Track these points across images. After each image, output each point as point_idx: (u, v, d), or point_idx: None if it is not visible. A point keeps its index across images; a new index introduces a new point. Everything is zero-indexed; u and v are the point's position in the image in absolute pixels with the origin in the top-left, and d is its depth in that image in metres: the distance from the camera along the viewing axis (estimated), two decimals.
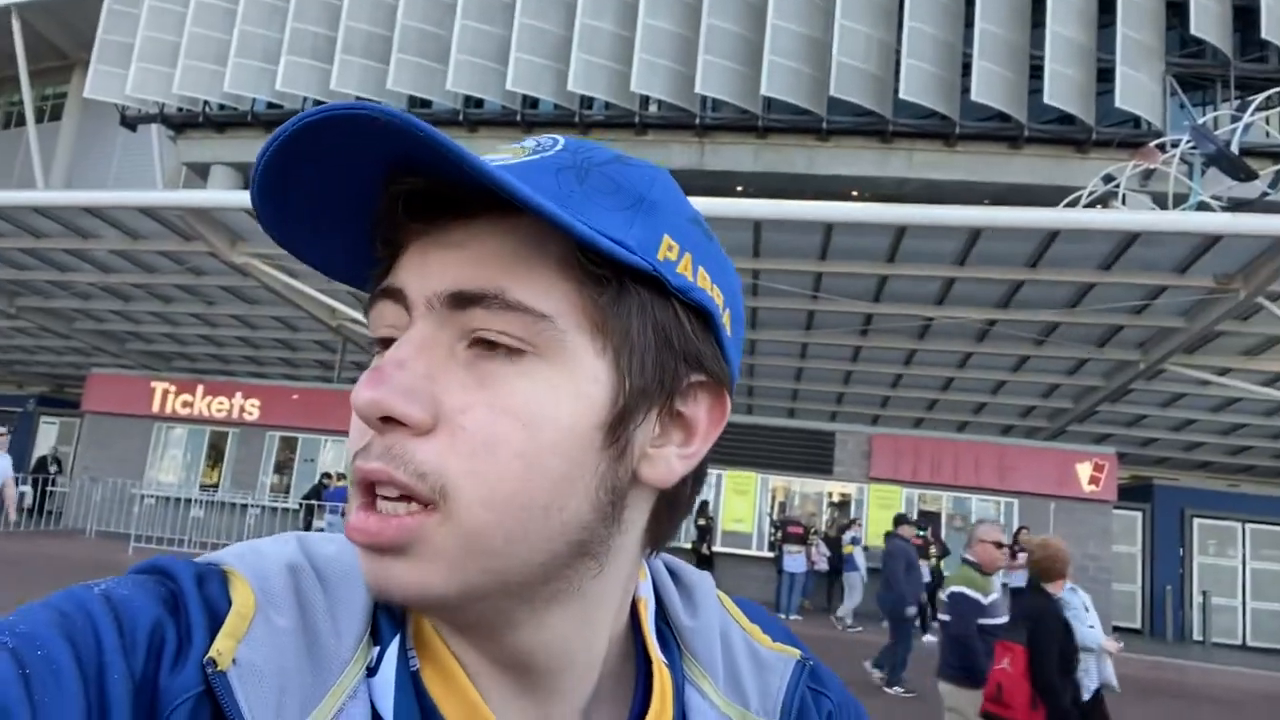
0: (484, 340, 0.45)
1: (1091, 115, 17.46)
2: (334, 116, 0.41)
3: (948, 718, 4.85)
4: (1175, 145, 14.58)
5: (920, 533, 13.22)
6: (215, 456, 16.85)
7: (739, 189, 19.81)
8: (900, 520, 9.90)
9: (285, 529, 15.91)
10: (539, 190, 0.43)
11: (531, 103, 19.83)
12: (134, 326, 15.64)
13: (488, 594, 0.46)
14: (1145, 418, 14.92)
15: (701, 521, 15.12)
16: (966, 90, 17.31)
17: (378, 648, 0.48)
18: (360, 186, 0.46)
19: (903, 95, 17.40)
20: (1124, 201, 15.05)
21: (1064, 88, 17.06)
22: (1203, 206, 12.98)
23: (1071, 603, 4.65)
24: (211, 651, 0.42)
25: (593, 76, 18.57)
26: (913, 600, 8.79)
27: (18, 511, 10.72)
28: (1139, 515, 16.57)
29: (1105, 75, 17.38)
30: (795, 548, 13.48)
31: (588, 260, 0.46)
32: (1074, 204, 14.46)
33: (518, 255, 0.45)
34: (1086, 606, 4.80)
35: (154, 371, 17.59)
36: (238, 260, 11.36)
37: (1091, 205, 14.67)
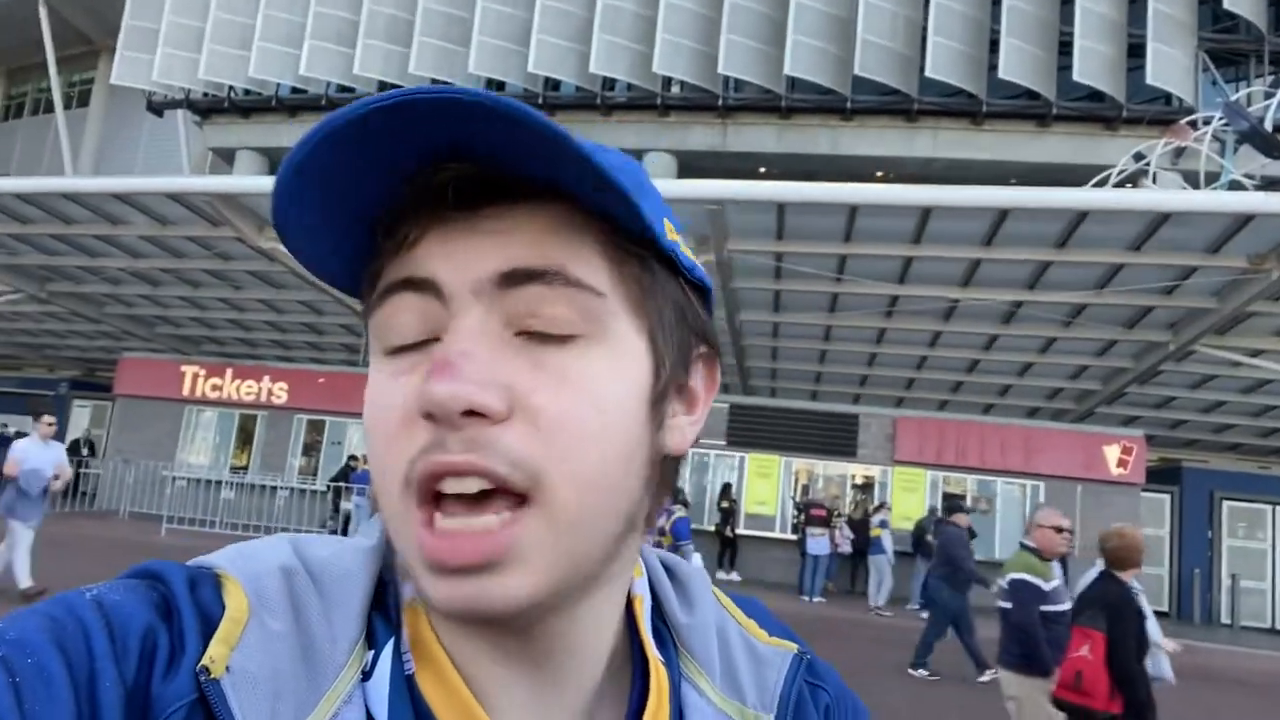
0: (529, 324, 0.45)
1: (1122, 92, 17.17)
2: (442, 100, 0.39)
3: (1009, 706, 4.77)
4: (1207, 122, 14.33)
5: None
6: (244, 439, 17.09)
7: (761, 170, 19.69)
8: (954, 508, 9.73)
9: (314, 511, 16.05)
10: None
11: (553, 85, 19.78)
12: (163, 311, 15.83)
13: (571, 586, 0.46)
14: (1175, 399, 14.74)
15: (725, 504, 15.16)
16: (994, 67, 17.06)
17: (372, 651, 0.47)
18: (389, 175, 0.44)
19: (929, 73, 17.18)
20: (1155, 180, 14.82)
21: (1094, 64, 16.77)
22: (1235, 185, 12.76)
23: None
24: (204, 659, 0.41)
25: (615, 57, 18.48)
26: (966, 587, 8.72)
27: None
28: (1167, 498, 16.42)
29: (1136, 51, 17.06)
30: (818, 530, 13.50)
31: (629, 242, 0.47)
32: (1103, 183, 14.26)
33: (566, 235, 0.46)
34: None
35: (183, 355, 17.83)
36: (264, 245, 11.46)
37: (1121, 184, 14.47)
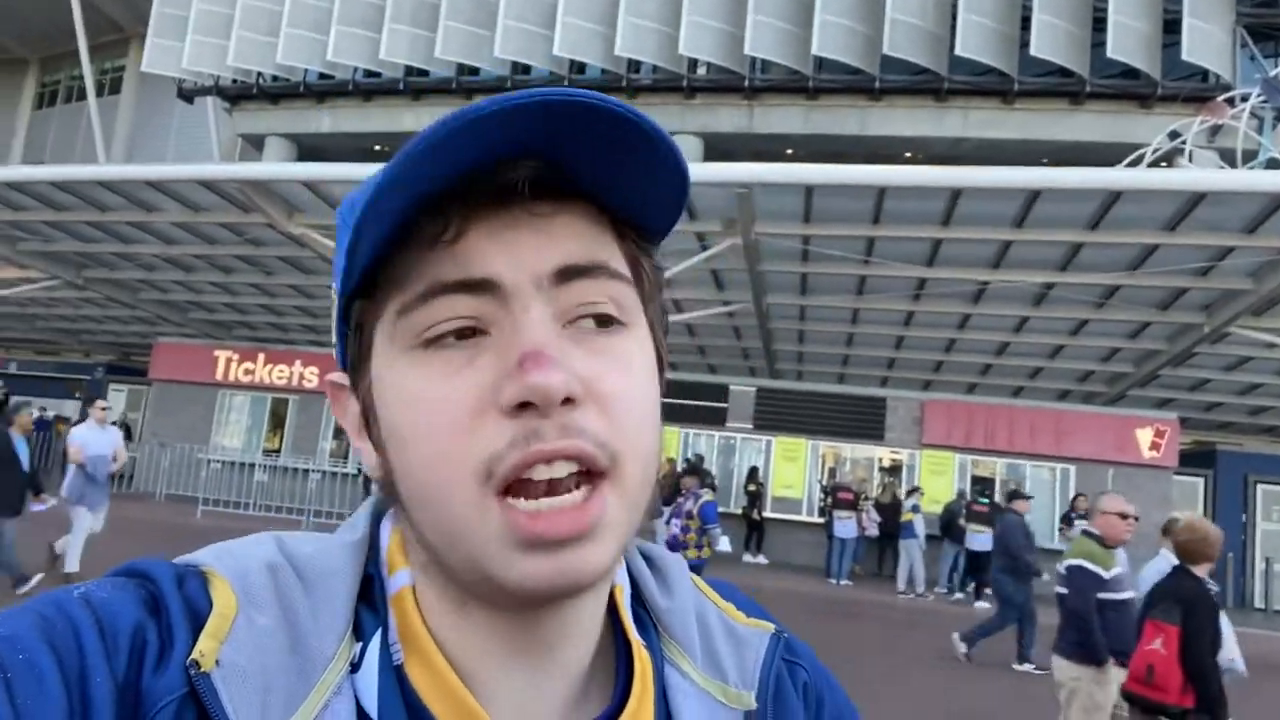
0: (581, 315, 0.48)
1: (1157, 69, 16.83)
2: (581, 103, 0.42)
3: (1061, 694, 4.72)
4: (1245, 99, 14.04)
5: (983, 500, 13.13)
6: (276, 422, 17.34)
7: (789, 152, 19.55)
8: (1014, 495, 9.55)
9: (346, 494, 16.24)
10: None
11: (579, 68, 19.72)
12: (196, 296, 16.05)
13: (620, 557, 0.49)
14: (1209, 382, 14.52)
15: (752, 487, 15.19)
16: (1026, 45, 16.79)
17: (360, 643, 0.48)
18: (467, 167, 0.44)
19: (959, 52, 16.94)
20: (1190, 159, 14.55)
21: (1128, 40, 16.44)
22: (1273, 164, 12.51)
23: None
24: (194, 653, 0.42)
25: (640, 40, 18.40)
26: (1023, 573, 8.71)
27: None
28: (1200, 482, 16.23)
29: (1172, 27, 16.71)
30: (845, 514, 13.50)
31: (641, 237, 0.52)
32: (1138, 162, 14.03)
33: (600, 232, 0.50)
34: None
35: (216, 340, 18.09)
36: (295, 231, 11.57)
37: (1156, 163, 14.22)
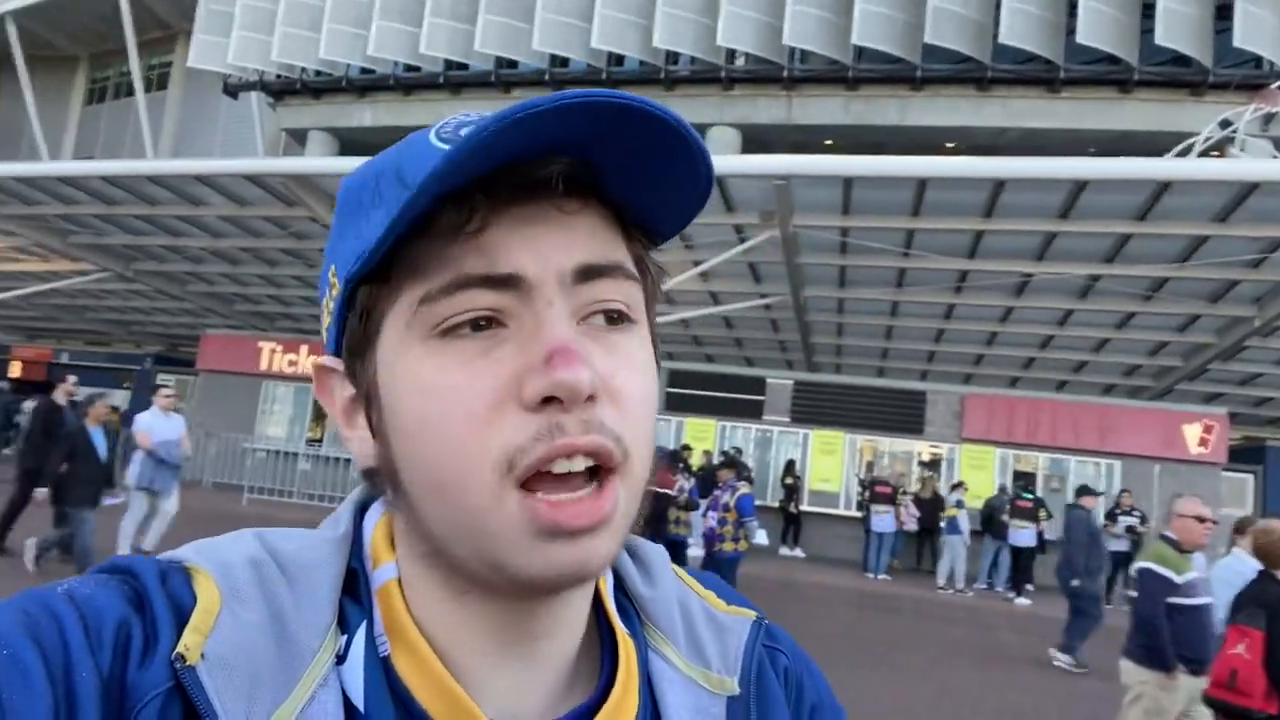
0: (593, 312, 0.48)
1: (1209, 55, 16.38)
2: (637, 109, 0.43)
3: (1127, 697, 4.65)
4: None
5: (1026, 495, 12.96)
6: (319, 413, 17.61)
7: (827, 143, 19.35)
8: (1083, 491, 9.35)
9: None
10: None
11: (617, 60, 19.70)
12: (241, 288, 16.35)
13: (621, 547, 0.50)
14: (1260, 376, 14.16)
15: (789, 480, 15.13)
16: (1072, 32, 16.43)
17: (345, 636, 0.48)
18: (505, 159, 0.45)
19: (1003, 40, 16.62)
20: (1242, 148, 14.16)
21: (1179, 26, 16.01)
22: None
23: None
24: (179, 647, 0.42)
25: (678, 31, 18.32)
26: (1091, 571, 8.53)
27: None
28: (1250, 478, 15.88)
29: (1224, 12, 16.23)
30: (883, 508, 13.40)
31: (645, 237, 0.52)
32: (1187, 151, 13.69)
33: (613, 232, 0.50)
34: None
35: (260, 331, 18.42)
36: None
37: (1206, 152, 13.86)
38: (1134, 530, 12.73)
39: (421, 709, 0.47)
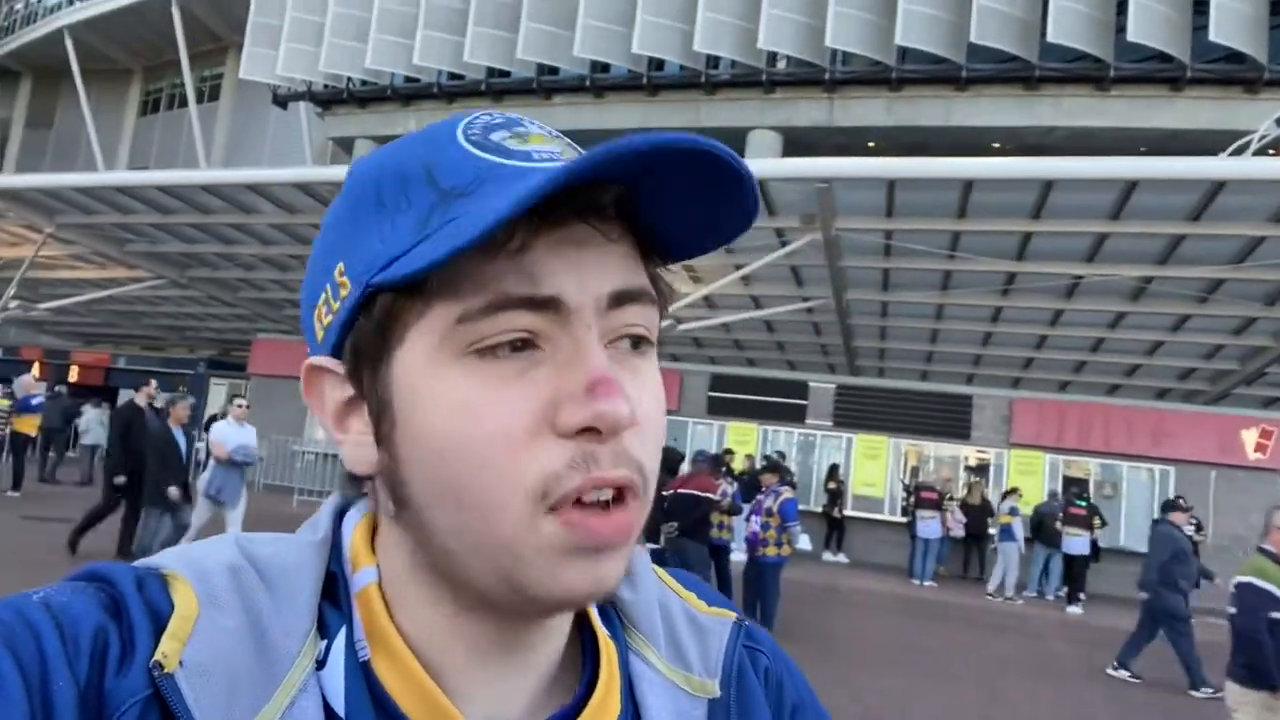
0: (619, 336, 0.48)
1: (1263, 52, 15.95)
2: (707, 151, 0.43)
3: (1234, 718, 4.50)
4: None
5: (1079, 502, 12.70)
6: None
7: (870, 144, 19.20)
8: (1170, 505, 8.81)
9: None
10: None
11: (657, 65, 19.74)
12: (291, 294, 16.65)
13: None
14: None
15: (832, 485, 15.02)
16: (1122, 30, 16.12)
17: (325, 641, 0.48)
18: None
19: (1050, 38, 16.35)
20: None
21: (1232, 22, 15.63)
22: None
23: None
24: (157, 654, 0.42)
25: (719, 35, 18.31)
26: (1182, 590, 8.04)
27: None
28: None
29: (1279, 8, 15.85)
30: (929, 513, 13.26)
31: (660, 257, 0.52)
32: (1242, 150, 13.34)
33: (637, 259, 0.50)
34: None
35: None
36: None
37: (1263, 150, 13.49)
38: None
39: (402, 713, 0.46)
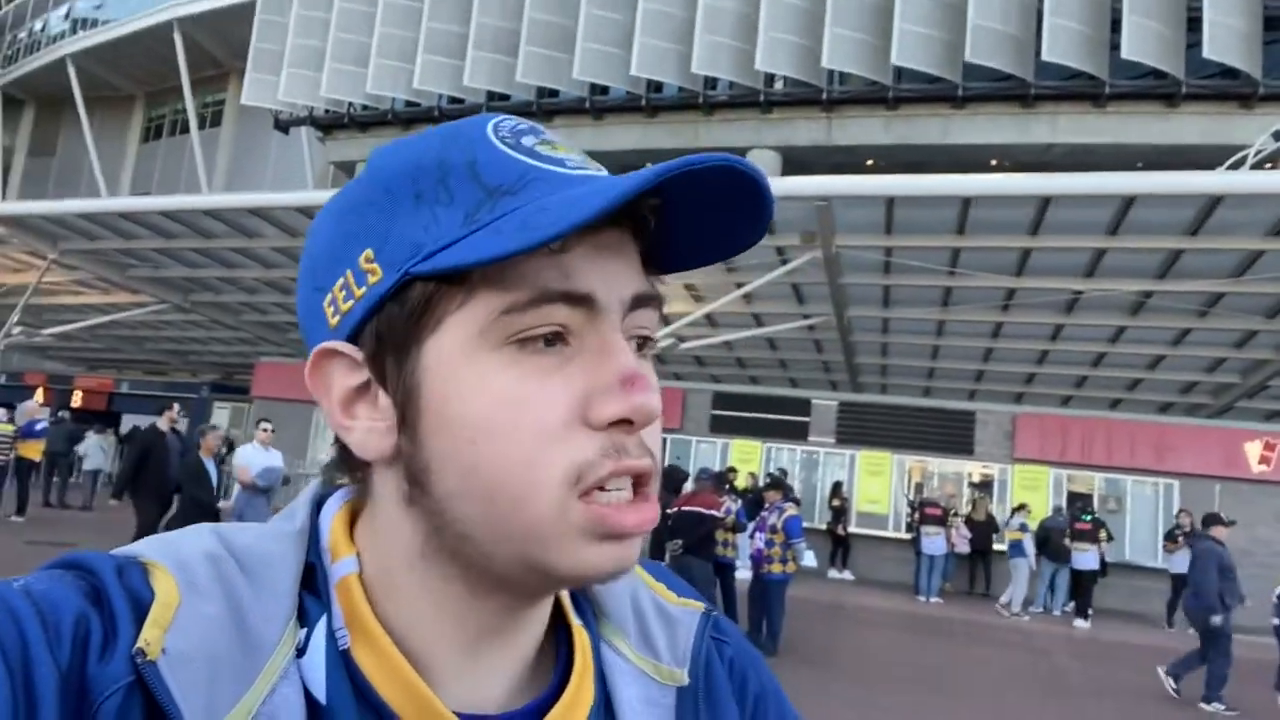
0: (632, 337, 0.51)
1: (1258, 67, 16.09)
2: (735, 169, 0.46)
3: None
4: None
5: (1085, 517, 12.67)
6: None
7: (869, 163, 19.32)
8: (1212, 520, 8.62)
9: None
10: None
11: (656, 86, 19.90)
12: (293, 317, 16.66)
13: None
14: None
15: (836, 502, 14.99)
16: (1116, 47, 16.25)
17: (305, 629, 0.48)
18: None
19: (1045, 56, 16.49)
20: None
21: (1226, 38, 15.77)
22: None
23: None
24: (139, 642, 0.42)
25: (717, 56, 18.47)
26: (1228, 606, 7.84)
27: None
28: None
29: (1273, 24, 15.99)
30: (933, 529, 13.23)
31: (655, 270, 0.54)
32: (1239, 164, 13.42)
33: (641, 263, 0.52)
34: None
35: None
36: None
37: (1259, 165, 13.58)
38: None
39: (382, 700, 0.47)
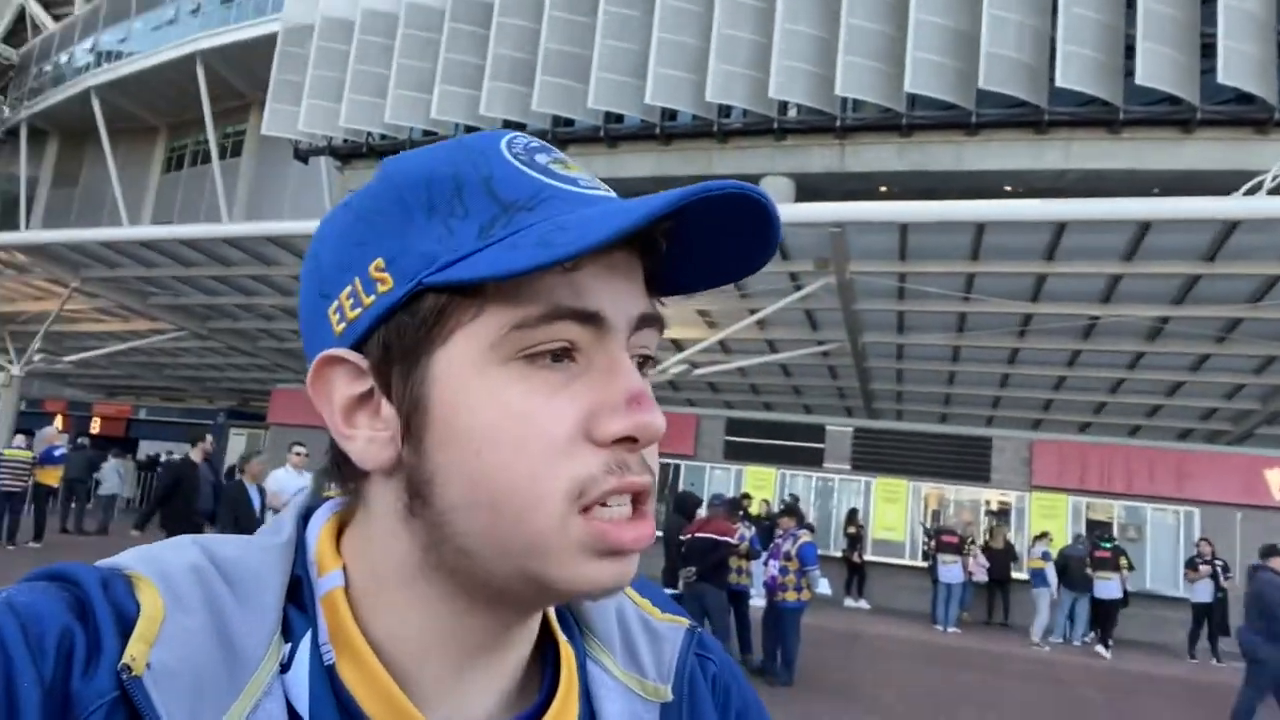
0: (633, 356, 0.51)
1: (1273, 92, 16.07)
2: (748, 197, 0.47)
3: None
4: None
5: (1105, 544, 12.50)
6: None
7: (882, 190, 19.37)
8: (1270, 551, 8.11)
9: None
10: None
11: (670, 115, 20.06)
12: None
13: None
14: None
15: (851, 530, 14.87)
16: (1130, 73, 16.28)
17: (290, 644, 0.48)
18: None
19: (1059, 83, 16.54)
20: None
21: (1241, 65, 15.77)
22: None
23: None
24: (125, 657, 0.41)
25: (731, 85, 18.62)
26: None
27: None
28: None
29: None
30: (950, 557, 13.07)
31: (655, 292, 0.54)
32: (1256, 189, 13.36)
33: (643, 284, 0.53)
34: None
35: None
36: None
37: (1276, 190, 13.51)
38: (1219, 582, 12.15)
39: (366, 717, 0.47)
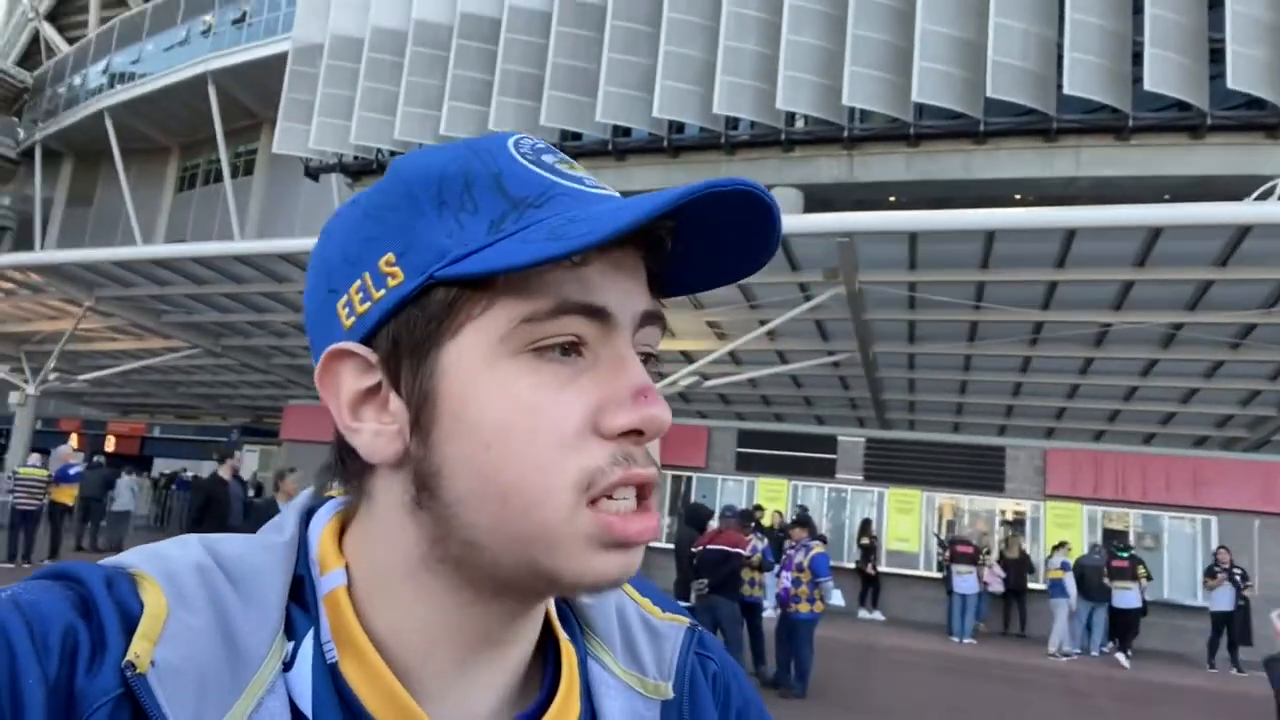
0: (636, 352, 0.51)
1: None
2: (751, 194, 0.47)
3: None
4: None
5: (1121, 554, 12.39)
6: None
7: (890, 199, 19.35)
8: None
9: None
10: None
11: (678, 128, 20.13)
12: None
13: None
14: None
15: (865, 540, 14.79)
16: (1138, 80, 16.24)
17: (292, 642, 0.48)
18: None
19: (1067, 90, 16.50)
20: None
21: (1250, 70, 15.70)
22: None
23: None
24: (129, 654, 0.41)
25: (737, 97, 18.67)
26: None
27: None
28: None
29: None
30: (965, 568, 12.98)
31: (655, 291, 0.55)
32: (1268, 194, 13.30)
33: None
34: None
35: None
36: None
37: None
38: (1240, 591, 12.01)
39: (369, 715, 0.47)
